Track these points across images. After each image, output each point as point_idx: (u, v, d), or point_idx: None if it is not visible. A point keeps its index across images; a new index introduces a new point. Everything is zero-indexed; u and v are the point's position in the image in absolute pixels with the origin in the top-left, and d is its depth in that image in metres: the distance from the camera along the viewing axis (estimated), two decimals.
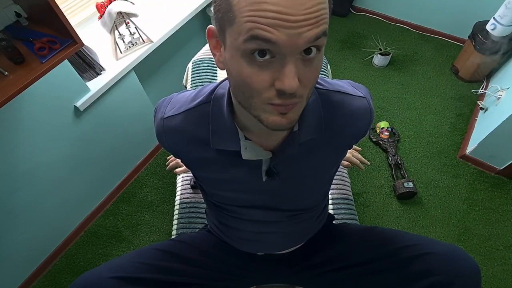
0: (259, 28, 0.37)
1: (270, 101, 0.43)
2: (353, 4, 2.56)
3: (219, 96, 0.57)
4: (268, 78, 0.41)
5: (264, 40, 0.38)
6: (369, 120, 0.64)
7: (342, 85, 0.63)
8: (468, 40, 1.97)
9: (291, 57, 0.39)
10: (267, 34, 0.37)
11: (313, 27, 0.38)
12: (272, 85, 0.41)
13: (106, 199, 1.70)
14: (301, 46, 0.39)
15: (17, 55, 0.98)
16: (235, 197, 0.67)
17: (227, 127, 0.56)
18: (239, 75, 0.42)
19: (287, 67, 0.39)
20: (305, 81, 0.42)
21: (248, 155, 0.57)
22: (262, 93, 0.42)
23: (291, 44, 0.38)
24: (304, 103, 0.46)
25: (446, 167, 1.77)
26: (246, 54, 0.40)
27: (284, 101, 0.42)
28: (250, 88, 0.42)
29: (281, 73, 0.40)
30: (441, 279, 0.68)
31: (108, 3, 1.28)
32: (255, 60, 0.40)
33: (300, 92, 0.42)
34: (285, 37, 0.37)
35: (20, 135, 1.17)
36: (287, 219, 0.72)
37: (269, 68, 0.40)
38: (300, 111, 0.47)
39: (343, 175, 1.18)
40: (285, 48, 0.38)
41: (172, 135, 0.62)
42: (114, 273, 0.70)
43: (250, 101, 0.45)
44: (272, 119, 0.45)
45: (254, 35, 0.38)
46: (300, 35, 0.37)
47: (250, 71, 0.41)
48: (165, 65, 1.83)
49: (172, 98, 0.65)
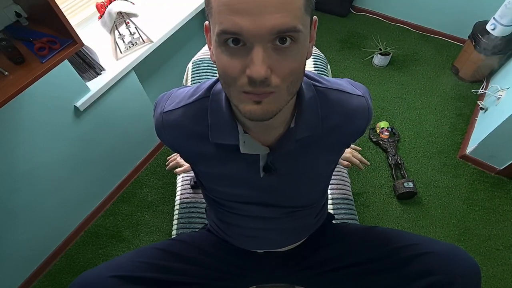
0: (226, 20, 0.40)
1: (243, 88, 0.44)
2: (353, 4, 2.56)
3: (218, 90, 0.58)
4: (240, 65, 0.42)
5: (230, 32, 0.40)
6: (367, 119, 0.64)
7: (341, 84, 0.64)
8: (468, 40, 1.97)
9: (259, 44, 0.40)
10: (232, 24, 0.39)
11: (276, 16, 0.39)
12: (243, 72, 0.43)
13: (106, 199, 1.70)
14: (264, 33, 0.39)
15: (17, 55, 0.98)
16: (233, 192, 0.68)
17: (226, 121, 0.56)
18: (218, 64, 0.45)
19: (254, 54, 0.41)
20: (279, 71, 0.42)
21: (246, 149, 0.58)
22: (236, 81, 0.44)
23: (255, 31, 0.39)
24: (284, 96, 0.46)
25: (446, 167, 1.77)
26: (221, 42, 0.42)
27: (255, 89, 0.43)
28: (227, 76, 0.44)
29: (250, 59, 0.41)
30: (441, 278, 0.68)
31: (108, 3, 1.28)
32: (229, 47, 0.42)
33: (275, 82, 0.43)
34: (248, 24, 0.39)
35: (20, 135, 1.17)
36: (286, 215, 0.72)
37: (242, 56, 0.42)
38: (279, 104, 0.46)
39: (343, 175, 1.17)
40: (250, 36, 0.40)
41: (171, 129, 0.62)
42: (114, 272, 0.70)
43: (229, 91, 0.46)
44: (248, 108, 0.46)
45: (222, 29, 0.40)
46: (263, 23, 0.39)
47: (225, 59, 0.43)
48: (165, 65, 1.83)
49: (172, 93, 0.66)
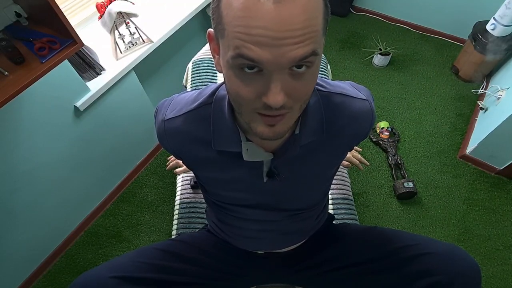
0: (244, 47, 0.38)
1: (257, 110, 0.44)
2: (353, 4, 2.56)
3: (220, 97, 0.57)
4: (255, 91, 0.42)
5: (248, 59, 0.38)
6: (370, 123, 0.64)
7: (344, 87, 0.63)
8: (468, 40, 1.97)
9: (277, 73, 0.39)
10: (251, 53, 0.38)
11: (298, 46, 0.37)
12: (258, 98, 0.42)
13: (106, 199, 1.70)
14: (285, 65, 0.39)
15: (17, 55, 0.98)
16: (236, 196, 0.68)
17: (229, 128, 0.56)
18: (230, 86, 0.44)
19: (272, 83, 0.40)
20: (294, 95, 0.42)
21: (249, 157, 0.58)
22: (249, 104, 0.43)
23: (275, 62, 0.38)
24: (295, 115, 0.46)
25: (446, 167, 1.77)
26: (235, 66, 0.41)
27: (271, 112, 0.43)
28: (240, 98, 0.44)
29: (267, 89, 0.40)
30: (441, 278, 0.68)
31: (108, 3, 1.28)
32: (243, 72, 0.41)
33: (289, 104, 0.43)
34: (268, 56, 0.37)
35: (20, 135, 1.17)
36: (287, 218, 0.72)
37: (256, 82, 0.41)
38: (290, 123, 0.47)
39: (343, 175, 1.17)
40: (269, 66, 0.38)
41: (173, 137, 0.62)
42: (114, 272, 0.70)
43: (241, 109, 0.46)
44: (260, 130, 0.46)
45: (239, 53, 0.38)
46: (284, 54, 0.37)
47: (238, 83, 0.42)
48: (165, 65, 1.83)
49: (173, 100, 0.65)
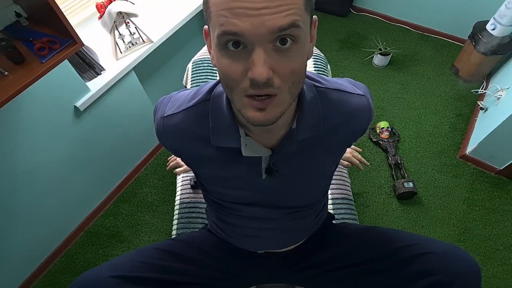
0: (227, 23, 0.39)
1: (245, 92, 0.44)
2: (353, 4, 2.56)
3: (219, 93, 0.58)
4: (241, 68, 0.42)
5: (231, 33, 0.40)
6: (368, 118, 0.64)
7: (341, 83, 0.63)
8: (468, 40, 1.97)
9: (260, 46, 0.40)
10: (232, 27, 0.39)
11: (276, 16, 0.39)
12: (245, 75, 0.43)
13: (106, 199, 1.70)
14: (265, 34, 0.39)
15: (17, 55, 0.98)
16: (235, 194, 0.68)
17: (227, 124, 0.56)
18: (220, 67, 0.45)
19: (255, 55, 0.41)
20: (281, 72, 0.43)
21: (248, 152, 0.58)
22: (238, 84, 0.44)
23: (255, 32, 0.39)
24: (285, 98, 0.46)
25: (446, 167, 1.77)
26: (221, 46, 0.42)
27: (258, 91, 0.43)
28: (228, 79, 0.44)
29: (251, 61, 0.41)
30: (441, 278, 0.68)
31: (108, 3, 1.28)
32: (229, 51, 0.42)
33: (277, 83, 0.43)
34: (248, 26, 0.39)
35: (20, 135, 1.17)
36: (287, 216, 0.72)
37: (242, 59, 0.42)
38: (282, 107, 0.46)
39: (343, 175, 1.17)
40: (251, 37, 0.40)
41: (172, 134, 0.62)
42: (114, 272, 0.70)
43: (232, 95, 0.46)
44: (251, 114, 0.46)
45: (224, 30, 0.40)
46: (263, 24, 0.39)
47: (226, 62, 0.43)
48: (165, 65, 1.83)
49: (172, 97, 0.66)
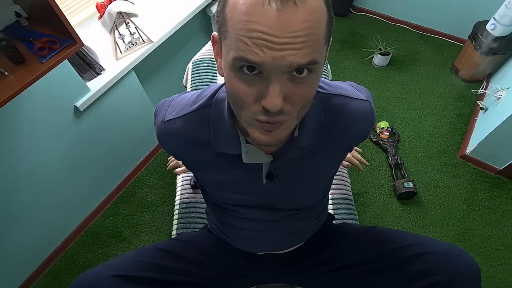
0: (245, 49, 0.38)
1: (256, 116, 0.43)
2: (353, 4, 2.56)
3: (220, 99, 0.57)
4: (255, 93, 0.42)
5: (249, 62, 0.39)
6: (370, 124, 0.64)
7: (344, 88, 0.63)
8: (468, 40, 1.97)
9: (276, 76, 0.40)
10: (251, 56, 0.38)
11: (298, 52, 0.38)
12: (257, 101, 0.42)
13: (106, 199, 1.70)
14: (284, 68, 0.39)
15: (17, 55, 0.98)
16: (235, 197, 0.68)
17: (228, 131, 0.56)
18: (230, 86, 0.44)
19: (271, 86, 0.40)
20: (293, 100, 0.42)
21: (249, 159, 0.57)
22: (249, 107, 0.43)
23: (274, 65, 0.38)
24: (293, 122, 0.46)
25: (446, 167, 1.77)
26: (235, 68, 0.41)
27: (269, 118, 0.43)
28: (239, 100, 0.44)
29: (266, 91, 0.40)
30: (441, 278, 0.68)
31: (108, 3, 1.28)
32: (244, 74, 0.41)
33: (288, 110, 0.43)
34: (268, 59, 0.38)
35: (20, 135, 1.17)
36: (287, 218, 0.72)
37: (256, 84, 0.41)
38: (289, 130, 0.47)
39: (343, 175, 1.17)
40: (269, 69, 0.39)
41: (173, 138, 0.62)
42: (114, 271, 0.70)
43: (240, 113, 0.46)
44: (257, 135, 0.46)
45: (240, 56, 0.39)
46: (284, 58, 0.38)
47: (238, 84, 0.42)
48: (165, 65, 1.83)
49: (172, 101, 0.65)
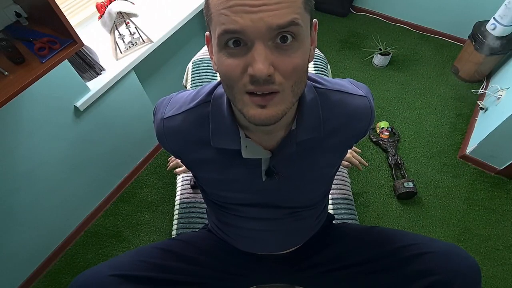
0: (227, 21, 0.40)
1: (245, 88, 0.44)
2: (353, 4, 2.56)
3: (219, 95, 0.57)
4: (242, 64, 0.43)
5: (232, 31, 0.40)
6: (369, 120, 0.63)
7: (342, 84, 0.63)
8: (468, 40, 1.97)
9: (259, 42, 0.41)
10: (233, 25, 0.40)
11: (275, 13, 0.39)
12: (245, 72, 0.43)
13: (106, 199, 1.70)
14: (264, 31, 0.40)
15: (17, 55, 0.98)
16: (235, 196, 0.68)
17: (227, 125, 0.56)
18: (220, 68, 0.45)
19: (255, 51, 0.41)
20: (282, 69, 0.43)
21: (248, 154, 0.58)
22: (238, 81, 0.44)
23: (254, 29, 0.40)
24: (287, 97, 0.46)
25: (446, 167, 1.77)
26: (222, 45, 0.43)
27: (259, 87, 0.43)
28: (229, 78, 0.45)
29: (251, 57, 0.42)
30: (441, 278, 0.68)
31: (108, 3, 1.28)
32: (230, 49, 0.43)
33: (278, 80, 0.43)
34: (248, 22, 0.39)
35: (20, 135, 1.17)
36: (287, 216, 0.72)
37: (242, 55, 0.43)
38: (284, 106, 0.46)
39: (343, 175, 1.18)
40: (251, 34, 0.40)
41: (172, 135, 0.62)
42: (114, 270, 0.70)
43: (232, 93, 0.46)
44: (252, 112, 0.46)
45: (224, 29, 0.41)
46: (262, 20, 0.39)
47: (226, 61, 0.44)
48: (165, 65, 1.83)
49: (172, 99, 0.66)
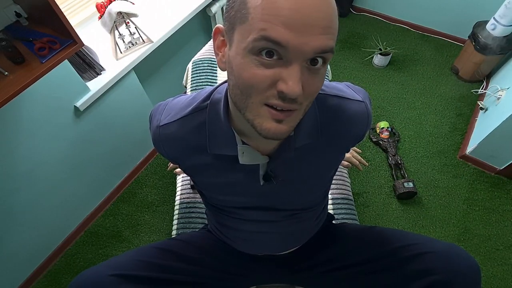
0: (270, 28, 0.38)
1: (268, 100, 0.42)
2: (353, 4, 2.56)
3: (216, 101, 0.57)
4: (272, 76, 0.41)
5: (274, 41, 0.38)
6: (366, 125, 0.63)
7: (340, 89, 0.63)
8: (468, 40, 1.97)
9: (297, 62, 0.40)
10: (277, 34, 0.38)
11: (322, 37, 0.39)
12: (273, 85, 0.41)
13: (106, 199, 1.70)
14: (307, 52, 0.39)
15: (17, 55, 0.98)
16: (234, 200, 0.68)
17: (224, 132, 0.56)
18: (242, 73, 0.42)
19: (293, 69, 0.40)
20: (307, 90, 0.42)
21: (245, 160, 0.57)
22: (261, 93, 0.42)
23: (299, 48, 0.38)
24: (301, 113, 0.46)
25: (446, 167, 1.77)
26: (253, 52, 0.40)
27: (283, 104, 0.42)
28: (250, 86, 0.42)
29: (286, 75, 0.40)
30: (440, 278, 0.68)
31: (108, 3, 1.28)
32: (261, 59, 0.40)
33: (301, 99, 0.43)
34: (294, 39, 0.38)
35: (20, 135, 1.17)
36: (286, 218, 0.72)
37: (274, 67, 0.41)
38: (296, 121, 0.47)
39: (343, 175, 1.17)
40: (293, 51, 0.39)
41: (169, 142, 0.62)
42: (114, 270, 0.70)
43: (247, 102, 0.44)
44: (267, 126, 0.44)
45: (265, 35, 0.38)
46: (309, 42, 0.38)
47: (254, 70, 0.41)
48: (165, 65, 1.82)
49: (167, 105, 0.65)
